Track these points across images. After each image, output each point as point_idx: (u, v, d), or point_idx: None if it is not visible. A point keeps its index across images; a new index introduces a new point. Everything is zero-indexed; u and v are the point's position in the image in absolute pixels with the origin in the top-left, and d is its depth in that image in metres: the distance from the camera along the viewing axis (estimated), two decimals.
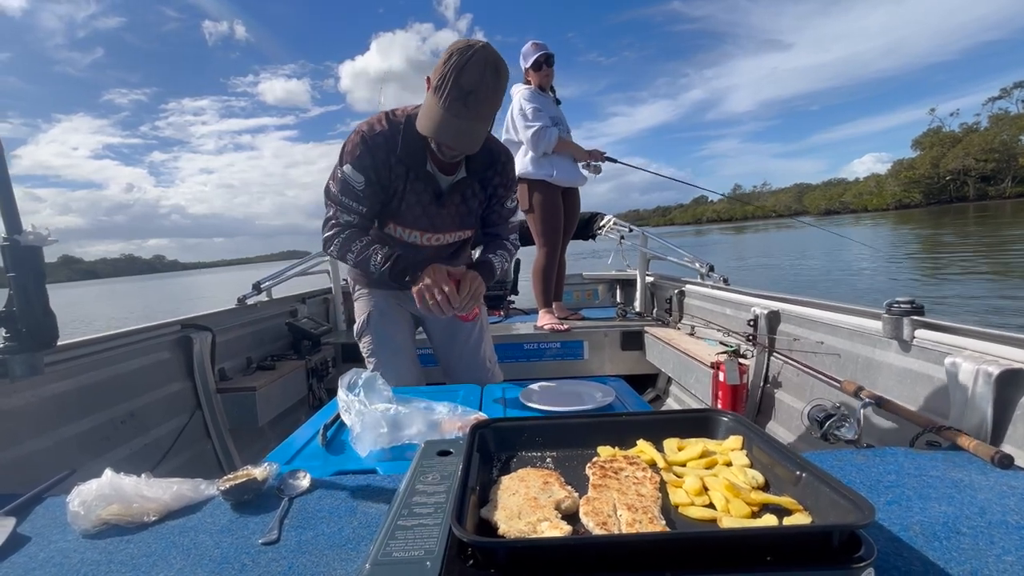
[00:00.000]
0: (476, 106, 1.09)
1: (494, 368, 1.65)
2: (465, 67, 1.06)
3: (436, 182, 1.31)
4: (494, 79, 1.09)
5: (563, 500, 0.58)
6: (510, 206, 1.45)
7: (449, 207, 1.35)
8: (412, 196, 1.31)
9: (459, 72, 1.06)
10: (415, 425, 0.98)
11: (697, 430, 0.77)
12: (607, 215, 3.43)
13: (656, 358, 2.56)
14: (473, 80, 1.07)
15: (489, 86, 1.09)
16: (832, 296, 1.65)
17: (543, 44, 2.65)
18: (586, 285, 3.79)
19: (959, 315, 4.95)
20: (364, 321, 1.55)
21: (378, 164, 1.24)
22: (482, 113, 1.11)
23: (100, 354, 1.58)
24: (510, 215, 1.46)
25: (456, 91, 1.07)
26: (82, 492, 0.74)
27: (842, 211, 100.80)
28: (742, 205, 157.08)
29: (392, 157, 1.24)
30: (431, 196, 1.32)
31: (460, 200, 1.36)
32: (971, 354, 1.00)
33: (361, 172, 1.24)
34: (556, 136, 2.58)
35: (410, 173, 1.27)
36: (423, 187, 1.30)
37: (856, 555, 0.45)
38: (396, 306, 1.57)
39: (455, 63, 1.06)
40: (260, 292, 2.55)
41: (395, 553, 0.52)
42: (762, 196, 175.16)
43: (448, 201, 1.34)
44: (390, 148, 1.24)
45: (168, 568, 0.63)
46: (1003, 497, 0.69)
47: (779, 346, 1.75)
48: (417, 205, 1.32)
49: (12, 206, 1.12)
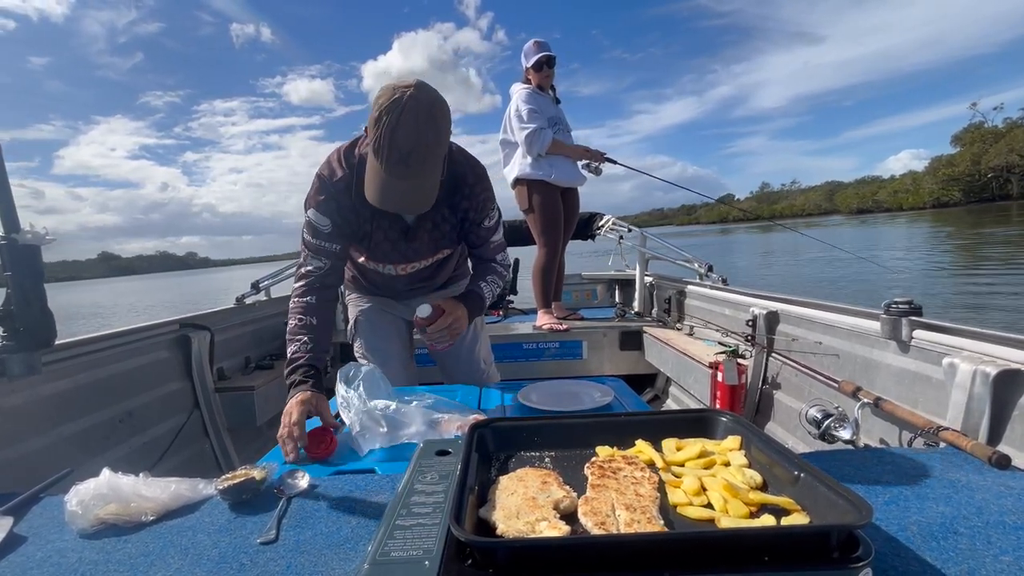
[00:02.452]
0: (418, 164, 1.04)
1: (490, 368, 1.65)
2: (397, 127, 1.00)
3: (401, 219, 1.27)
4: (432, 129, 1.03)
5: (562, 500, 0.58)
6: (488, 225, 1.36)
7: (421, 237, 1.31)
8: (380, 234, 1.28)
9: (392, 133, 1.00)
10: (414, 424, 0.97)
11: (695, 430, 0.77)
12: (606, 215, 3.44)
13: (655, 358, 2.56)
14: (410, 139, 1.01)
15: (428, 139, 1.03)
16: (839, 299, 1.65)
17: (545, 44, 2.65)
18: (585, 285, 3.80)
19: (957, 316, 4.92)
20: (352, 327, 1.56)
21: (342, 208, 1.21)
22: (426, 169, 1.06)
23: (98, 353, 1.58)
24: (491, 234, 1.38)
25: (396, 154, 1.02)
26: (80, 491, 0.74)
27: (875, 210, 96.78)
28: (770, 204, 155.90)
29: (355, 200, 1.19)
30: (399, 232, 1.28)
31: (431, 227, 1.30)
32: (969, 355, 1.00)
33: (326, 216, 1.21)
34: (550, 138, 2.58)
35: (375, 213, 1.22)
36: (389, 224, 1.27)
37: (854, 555, 0.45)
38: (385, 312, 1.56)
39: (387, 124, 1.00)
40: (259, 291, 2.55)
41: (394, 553, 0.52)
42: (791, 195, 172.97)
43: (418, 234, 1.30)
44: (350, 192, 1.19)
45: (166, 568, 0.63)
46: (1000, 497, 0.70)
47: (778, 346, 1.76)
48: (386, 242, 1.29)
49: (10, 205, 1.12)
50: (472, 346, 1.60)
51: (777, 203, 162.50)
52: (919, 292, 7.56)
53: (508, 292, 3.42)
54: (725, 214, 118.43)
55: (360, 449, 0.95)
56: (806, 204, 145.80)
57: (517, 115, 2.60)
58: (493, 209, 1.36)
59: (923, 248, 16.12)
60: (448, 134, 1.11)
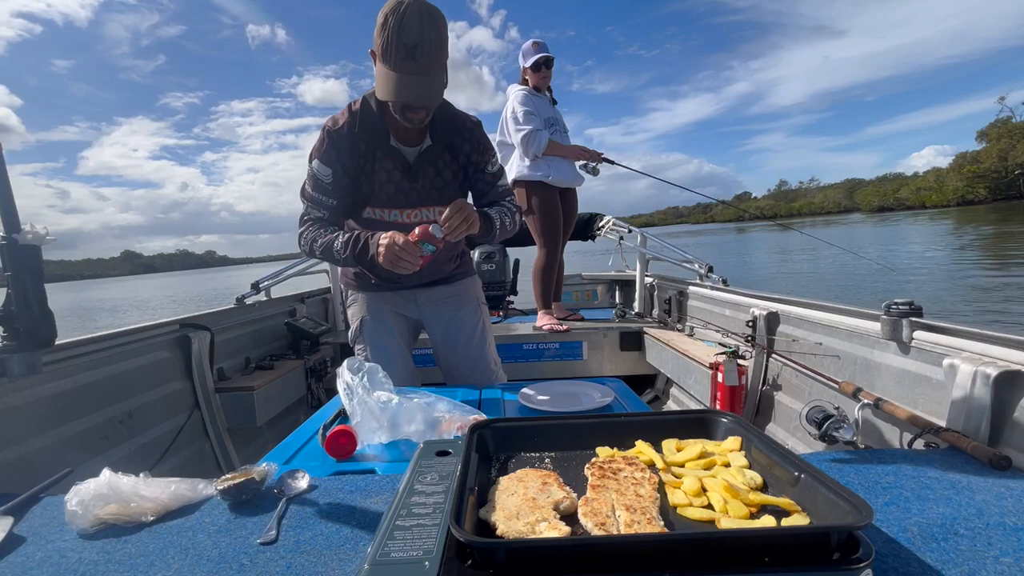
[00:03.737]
0: (425, 57, 1.11)
1: (498, 370, 1.64)
2: (403, 24, 1.08)
3: (402, 155, 1.33)
4: (434, 26, 1.11)
5: (562, 501, 0.58)
6: (492, 170, 1.42)
7: (423, 180, 1.35)
8: (383, 175, 1.33)
9: (399, 31, 1.08)
10: (415, 422, 0.98)
11: (696, 431, 0.77)
12: (606, 215, 3.44)
13: (655, 359, 2.56)
14: (414, 34, 1.09)
15: (432, 34, 1.10)
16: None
17: (544, 44, 2.66)
18: (585, 286, 3.80)
19: None
20: (357, 327, 1.55)
21: (343, 153, 1.29)
22: (433, 62, 1.13)
23: (98, 353, 1.58)
24: (496, 179, 1.43)
25: (402, 50, 1.09)
26: (80, 492, 0.74)
27: (897, 208, 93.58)
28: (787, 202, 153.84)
29: (357, 142, 1.29)
30: (401, 171, 1.33)
31: (434, 173, 1.35)
32: (969, 356, 1.00)
33: (328, 165, 1.29)
34: (546, 139, 2.59)
35: (376, 152, 1.30)
36: (391, 164, 1.32)
37: (854, 556, 0.45)
38: (389, 310, 1.55)
39: (392, 24, 1.08)
40: (259, 292, 2.55)
41: (394, 553, 0.52)
42: (809, 192, 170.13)
43: (420, 174, 1.34)
44: (352, 133, 1.28)
45: (166, 568, 0.63)
46: (1001, 499, 0.70)
47: (778, 347, 1.76)
48: (389, 183, 1.34)
49: (11, 205, 1.12)
50: (481, 347, 1.59)
51: (795, 201, 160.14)
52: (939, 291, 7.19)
53: (508, 293, 3.42)
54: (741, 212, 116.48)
55: (358, 441, 0.95)
56: (825, 202, 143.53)
57: (513, 117, 2.61)
58: (494, 156, 1.43)
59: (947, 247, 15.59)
60: (447, 40, 1.17)
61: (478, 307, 1.62)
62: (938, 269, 10.43)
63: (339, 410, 1.15)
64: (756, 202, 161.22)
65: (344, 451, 0.95)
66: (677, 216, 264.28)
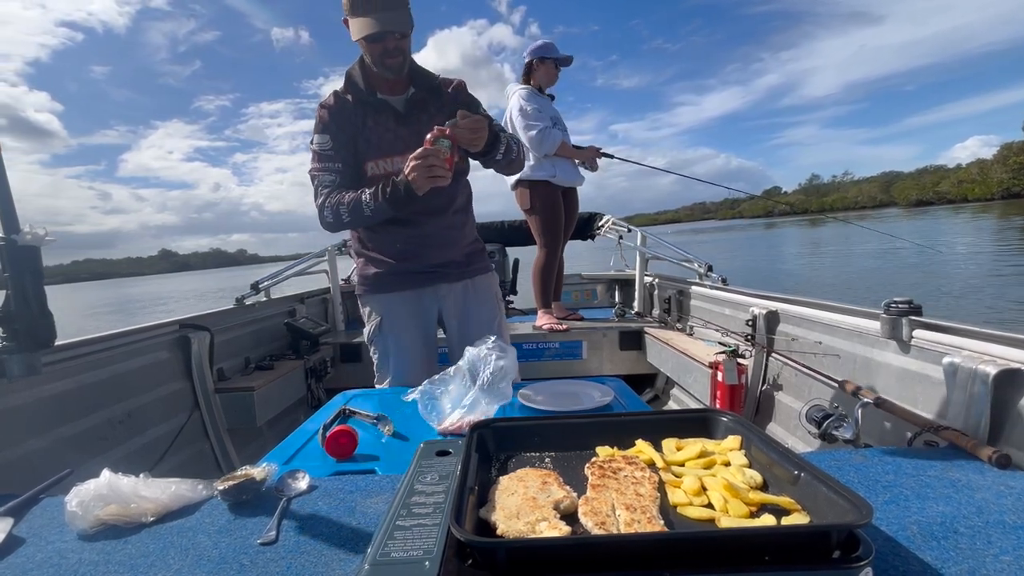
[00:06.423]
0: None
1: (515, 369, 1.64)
2: None
3: (390, 105, 1.44)
4: None
5: (562, 500, 0.58)
6: (485, 113, 1.46)
7: (416, 125, 1.42)
8: (377, 127, 1.43)
9: None
10: None
11: (696, 430, 0.77)
12: (606, 215, 3.44)
13: (655, 358, 2.56)
14: None
15: None
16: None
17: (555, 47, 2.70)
18: (585, 285, 3.80)
19: None
20: (376, 327, 1.54)
21: (334, 115, 1.41)
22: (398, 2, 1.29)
23: (98, 354, 1.58)
24: (492, 120, 1.44)
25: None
26: (80, 492, 0.74)
27: (937, 201, 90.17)
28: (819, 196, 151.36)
29: (345, 105, 1.42)
30: (393, 119, 1.43)
31: (427, 118, 1.41)
32: (969, 354, 1.00)
33: (324, 133, 1.41)
34: (559, 138, 2.57)
35: (366, 108, 1.42)
36: (384, 117, 1.43)
37: (854, 555, 0.45)
38: (407, 311, 1.54)
39: None
40: (259, 292, 2.55)
41: (394, 553, 0.52)
42: (842, 186, 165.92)
43: (412, 119, 1.44)
44: (341, 100, 1.43)
45: (166, 569, 0.63)
46: (1001, 497, 0.70)
47: (778, 346, 1.76)
48: (385, 131, 1.43)
49: (10, 205, 1.12)
50: None
51: (827, 195, 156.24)
52: None
53: (508, 292, 3.42)
54: (770, 207, 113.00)
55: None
56: (859, 196, 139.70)
57: (521, 113, 2.57)
58: (482, 108, 1.50)
59: None
60: None
61: (496, 303, 1.65)
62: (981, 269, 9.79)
63: (339, 410, 1.16)
64: (784, 197, 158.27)
65: (344, 451, 0.95)
66: (704, 212, 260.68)
